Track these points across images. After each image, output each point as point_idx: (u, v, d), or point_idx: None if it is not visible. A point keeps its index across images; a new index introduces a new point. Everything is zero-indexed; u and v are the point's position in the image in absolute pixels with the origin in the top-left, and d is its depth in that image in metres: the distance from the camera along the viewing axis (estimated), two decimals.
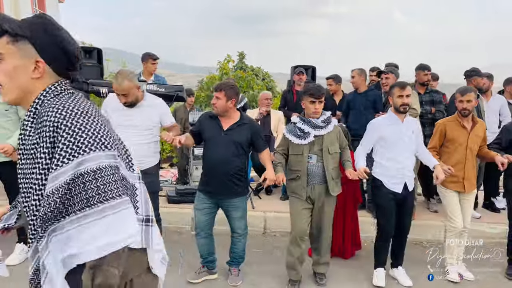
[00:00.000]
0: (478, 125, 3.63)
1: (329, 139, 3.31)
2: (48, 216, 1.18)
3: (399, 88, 3.35)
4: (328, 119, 3.35)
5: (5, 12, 14.72)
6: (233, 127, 3.26)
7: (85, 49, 6.31)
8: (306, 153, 3.29)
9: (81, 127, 1.22)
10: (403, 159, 3.41)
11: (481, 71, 5.00)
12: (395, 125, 3.40)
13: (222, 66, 13.58)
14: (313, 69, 6.96)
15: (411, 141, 3.43)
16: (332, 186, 3.33)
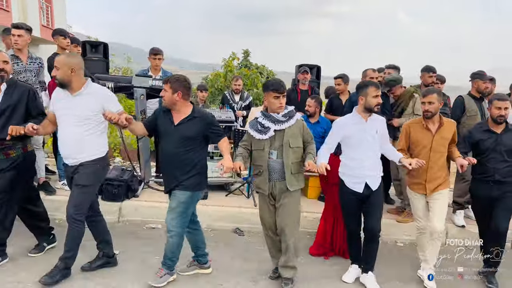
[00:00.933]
0: (446, 125, 3.57)
1: (291, 133, 3.27)
2: None
3: (375, 88, 3.34)
4: (290, 113, 3.30)
5: (12, 6, 14.78)
6: (184, 121, 3.22)
7: (91, 43, 6.33)
8: (267, 149, 3.27)
9: None
10: (365, 158, 3.38)
11: (486, 75, 4.97)
12: (359, 124, 3.38)
13: (227, 63, 13.60)
14: (318, 69, 6.97)
15: (374, 140, 3.39)
16: (291, 181, 3.27)
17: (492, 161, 3.58)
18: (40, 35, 16.37)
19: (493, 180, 3.58)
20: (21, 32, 4.49)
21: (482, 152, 3.63)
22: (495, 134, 3.61)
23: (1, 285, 3.18)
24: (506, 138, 3.59)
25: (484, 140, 3.62)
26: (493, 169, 3.57)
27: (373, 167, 3.42)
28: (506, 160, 3.57)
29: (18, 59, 4.55)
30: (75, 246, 3.31)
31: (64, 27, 13.32)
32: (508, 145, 3.58)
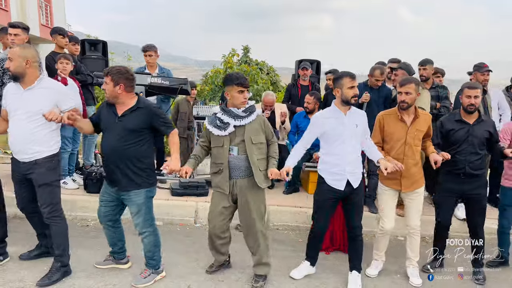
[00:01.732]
0: (421, 118, 3.42)
1: (252, 129, 3.16)
2: None
3: (350, 79, 3.16)
4: (250, 108, 3.19)
5: (11, 4, 14.76)
6: (127, 113, 3.08)
7: (90, 41, 6.33)
8: (227, 145, 3.15)
9: None
10: (345, 154, 3.22)
11: (486, 66, 4.92)
12: (337, 118, 3.22)
13: (226, 60, 13.57)
14: (317, 63, 6.96)
15: (354, 135, 3.23)
16: (260, 178, 3.18)
17: (463, 153, 3.46)
18: (40, 34, 16.36)
19: (464, 173, 3.47)
20: (18, 31, 4.46)
21: (453, 143, 3.51)
22: (467, 124, 3.49)
23: (4, 284, 3.19)
24: (478, 129, 3.47)
25: (455, 131, 3.50)
26: (464, 161, 3.46)
27: (354, 164, 3.26)
28: (477, 153, 3.47)
29: None
30: (64, 241, 3.31)
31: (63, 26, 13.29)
32: (480, 136, 3.47)
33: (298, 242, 4.34)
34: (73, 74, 5.12)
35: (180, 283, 3.34)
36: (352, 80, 3.15)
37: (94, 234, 4.27)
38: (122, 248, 3.54)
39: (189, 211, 4.80)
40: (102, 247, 3.62)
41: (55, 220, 3.24)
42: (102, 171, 4.94)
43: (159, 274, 3.37)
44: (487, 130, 3.49)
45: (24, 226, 3.71)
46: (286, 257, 3.91)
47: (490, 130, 3.51)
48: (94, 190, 4.87)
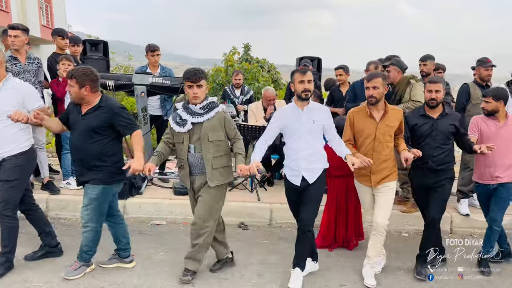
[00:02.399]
0: (391, 113, 3.37)
1: (210, 126, 3.14)
2: None
3: (300, 74, 3.14)
4: (209, 105, 3.17)
5: (12, 5, 14.78)
6: (90, 112, 3.13)
7: (91, 42, 6.34)
8: (186, 142, 3.17)
9: None
10: (300, 150, 3.21)
11: (490, 62, 4.90)
12: (295, 113, 3.21)
13: (227, 58, 13.56)
14: (318, 60, 6.95)
15: (310, 131, 3.20)
16: (211, 176, 3.17)
17: (427, 147, 3.45)
18: (40, 35, 16.38)
19: (428, 167, 3.47)
20: (17, 32, 4.48)
21: (418, 137, 3.51)
22: (431, 119, 3.49)
23: (9, 284, 3.21)
24: (442, 123, 3.47)
25: (420, 125, 3.49)
26: (428, 156, 3.44)
27: (309, 159, 3.22)
28: (440, 147, 3.46)
29: (16, 60, 4.55)
30: (12, 240, 3.36)
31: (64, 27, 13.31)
32: (444, 131, 3.46)
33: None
34: None
35: None
36: (301, 75, 3.14)
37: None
38: (126, 246, 3.57)
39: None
40: (107, 247, 3.63)
41: (6, 219, 3.28)
42: None
43: (88, 267, 3.42)
44: (452, 124, 3.48)
45: (27, 227, 3.73)
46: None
47: (455, 123, 3.50)
48: None
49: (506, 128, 3.58)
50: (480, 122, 3.68)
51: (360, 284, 3.44)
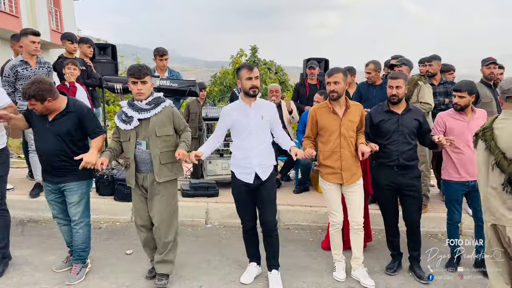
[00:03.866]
0: (352, 108, 3.36)
1: (158, 121, 3.11)
2: None
3: (247, 70, 3.11)
4: (155, 100, 3.14)
5: (22, 11, 14.96)
6: (57, 117, 3.14)
7: (100, 46, 6.40)
8: (134, 139, 3.12)
9: None
10: (250, 148, 3.16)
11: (492, 60, 4.86)
12: (243, 110, 3.17)
13: (234, 60, 13.60)
14: (326, 62, 6.94)
15: (260, 126, 3.17)
16: (160, 172, 3.13)
17: (395, 143, 3.40)
18: (50, 39, 16.56)
19: (398, 164, 3.41)
20: (39, 39, 4.63)
21: (385, 134, 3.45)
22: (395, 114, 3.45)
23: (19, 286, 3.24)
24: (407, 118, 3.43)
25: (385, 121, 3.45)
26: (397, 152, 3.40)
27: (261, 155, 3.20)
28: (409, 142, 3.42)
29: (27, 64, 4.61)
30: (7, 234, 3.45)
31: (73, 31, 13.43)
32: (410, 125, 3.42)
33: (309, 241, 4.34)
34: (84, 77, 5.19)
35: (192, 284, 3.37)
36: (249, 71, 3.11)
37: (107, 236, 4.32)
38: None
39: (200, 212, 4.82)
40: (116, 249, 3.66)
41: (2, 213, 3.39)
42: (114, 173, 5.00)
43: (87, 266, 3.46)
44: (416, 119, 3.46)
45: (37, 229, 3.77)
46: (297, 256, 3.91)
47: (419, 119, 3.47)
48: (106, 192, 4.94)
49: (474, 122, 3.47)
50: (447, 119, 3.60)
51: None
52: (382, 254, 3.92)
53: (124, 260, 3.76)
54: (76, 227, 3.32)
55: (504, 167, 2.31)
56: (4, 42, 12.00)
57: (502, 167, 2.32)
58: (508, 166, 2.30)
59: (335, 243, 3.56)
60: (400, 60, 4.77)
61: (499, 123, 2.42)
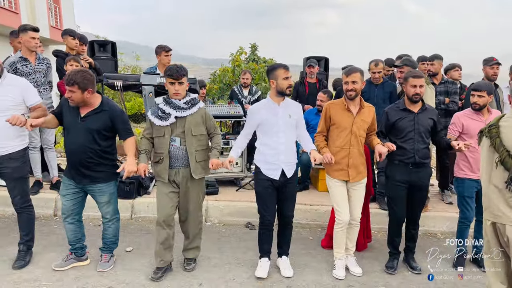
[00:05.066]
0: (366, 109, 3.43)
1: (193, 121, 3.24)
2: None
3: (284, 70, 3.23)
4: (192, 100, 3.27)
5: (21, 7, 14.91)
6: (90, 114, 3.17)
7: (100, 42, 6.39)
8: (168, 135, 3.22)
9: None
10: (278, 145, 3.27)
11: (495, 60, 4.86)
12: (271, 108, 3.28)
13: (234, 58, 13.58)
14: (325, 60, 6.94)
15: (287, 125, 3.29)
16: (195, 169, 3.27)
17: (411, 141, 3.44)
18: (49, 36, 16.51)
19: (413, 162, 3.44)
20: (39, 34, 4.62)
21: (401, 132, 3.48)
22: (412, 113, 3.47)
23: (18, 283, 3.24)
24: (422, 117, 3.47)
25: (401, 119, 3.48)
26: (413, 151, 3.43)
27: (288, 154, 3.32)
28: (424, 141, 3.46)
29: (27, 61, 4.59)
30: (32, 229, 3.61)
31: (72, 27, 13.39)
32: (425, 124, 3.46)
33: (309, 240, 4.34)
34: None
35: (192, 281, 3.37)
36: (286, 71, 3.23)
37: None
38: (84, 244, 3.60)
39: None
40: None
41: (25, 211, 3.52)
42: None
43: (113, 256, 3.63)
44: (431, 118, 3.49)
45: (37, 226, 3.76)
46: (297, 254, 3.91)
47: (434, 118, 3.51)
48: None
49: None
50: (464, 119, 3.64)
51: (369, 285, 3.43)
52: (382, 253, 3.93)
53: (124, 257, 3.75)
54: (109, 223, 3.47)
55: (509, 165, 2.30)
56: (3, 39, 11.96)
57: (507, 165, 2.31)
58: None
59: (338, 241, 3.57)
60: (403, 61, 4.76)
61: (506, 121, 2.42)
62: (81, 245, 3.56)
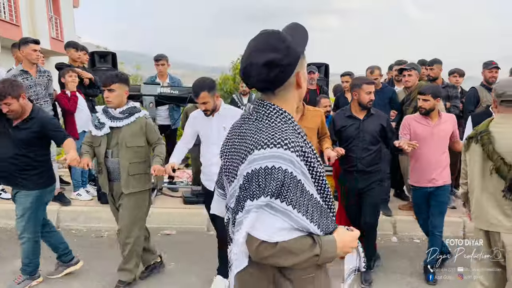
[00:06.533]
0: (309, 114, 3.34)
1: (130, 131, 3.11)
2: None
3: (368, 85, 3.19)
4: (129, 110, 3.14)
5: (22, 20, 15.01)
6: (20, 124, 3.06)
7: (100, 53, 6.42)
8: (104, 146, 3.11)
9: None
10: (212, 156, 3.14)
11: (494, 64, 4.87)
12: (206, 119, 3.18)
13: (235, 65, 13.61)
14: (326, 67, 6.94)
15: (221, 137, 3.19)
16: (126, 183, 3.12)
17: (355, 149, 3.40)
18: (50, 47, 16.61)
19: (357, 170, 3.40)
20: (39, 47, 4.64)
21: (346, 139, 3.44)
22: (357, 120, 3.43)
23: None
24: (368, 124, 3.41)
25: (346, 127, 3.43)
26: (356, 158, 3.39)
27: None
28: (368, 148, 3.40)
29: (27, 73, 4.60)
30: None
31: (73, 38, 13.46)
32: (371, 131, 3.40)
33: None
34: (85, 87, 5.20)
35: None
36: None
37: (109, 244, 4.30)
38: (66, 250, 3.52)
39: (202, 219, 4.80)
40: (117, 258, 3.63)
41: None
42: None
43: (34, 279, 3.36)
44: (379, 123, 3.44)
45: None
46: None
47: (383, 123, 3.45)
48: (107, 201, 4.91)
49: (439, 127, 3.44)
50: (412, 122, 3.57)
51: None
52: (383, 259, 3.89)
53: None
54: (20, 241, 3.21)
55: (504, 173, 2.25)
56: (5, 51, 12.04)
57: (502, 173, 2.27)
58: (509, 172, 2.24)
59: None
60: (410, 64, 4.78)
61: (496, 127, 2.36)
62: (61, 252, 3.49)
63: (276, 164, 1.18)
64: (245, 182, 1.21)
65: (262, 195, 1.18)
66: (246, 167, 1.23)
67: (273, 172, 1.17)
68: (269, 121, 1.28)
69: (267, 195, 1.17)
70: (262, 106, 1.32)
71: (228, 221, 1.40)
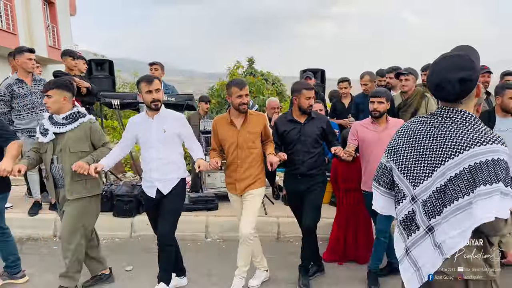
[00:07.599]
0: (250, 120, 3.32)
1: (74, 137, 3.09)
2: None
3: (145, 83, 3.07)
4: (73, 115, 3.12)
5: (18, 26, 15.03)
6: None
7: (97, 61, 6.43)
8: (50, 152, 3.10)
9: None
10: (151, 160, 3.14)
11: (486, 68, 4.89)
12: (145, 123, 3.15)
13: (231, 72, 13.66)
14: (322, 72, 6.97)
15: (161, 140, 3.12)
16: (70, 188, 3.10)
17: (297, 153, 3.42)
18: (48, 55, 16.62)
19: (299, 173, 3.43)
20: (34, 55, 4.64)
21: (288, 143, 3.47)
22: (298, 124, 3.45)
23: None
24: (308, 127, 3.44)
25: (288, 131, 3.46)
26: (298, 161, 3.41)
27: (162, 170, 3.15)
28: (310, 151, 3.42)
29: (23, 82, 4.60)
30: None
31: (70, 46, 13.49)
32: (312, 134, 3.42)
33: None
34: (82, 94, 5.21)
35: None
36: (148, 85, 3.05)
37: (106, 252, 4.26)
38: (16, 262, 3.49)
39: (200, 226, 4.80)
40: (115, 266, 3.63)
41: None
42: (112, 189, 4.98)
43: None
44: (319, 127, 3.46)
45: (36, 248, 3.74)
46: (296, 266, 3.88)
47: (323, 126, 3.48)
48: (105, 208, 4.88)
49: (386, 133, 3.40)
50: (360, 128, 3.55)
51: None
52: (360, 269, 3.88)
53: (123, 277, 3.72)
54: None
55: None
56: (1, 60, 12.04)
57: None
58: None
59: (238, 256, 3.44)
60: (407, 69, 4.80)
61: None
62: (9, 263, 3.45)
63: (501, 156, 1.50)
64: (467, 173, 1.52)
65: (494, 182, 1.48)
66: (464, 161, 1.53)
67: (500, 163, 1.49)
68: (470, 123, 1.58)
69: (499, 181, 1.48)
70: (455, 112, 1.62)
71: (412, 213, 1.77)
